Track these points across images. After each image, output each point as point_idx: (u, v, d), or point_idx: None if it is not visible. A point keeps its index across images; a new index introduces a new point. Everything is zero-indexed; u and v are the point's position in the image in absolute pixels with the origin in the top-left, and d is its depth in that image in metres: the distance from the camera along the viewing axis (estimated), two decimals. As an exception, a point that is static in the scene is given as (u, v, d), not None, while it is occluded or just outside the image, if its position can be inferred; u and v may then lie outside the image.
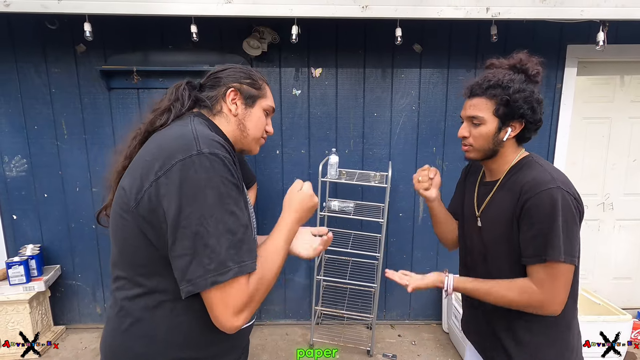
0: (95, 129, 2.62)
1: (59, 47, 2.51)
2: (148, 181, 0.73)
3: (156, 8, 2.05)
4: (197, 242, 0.69)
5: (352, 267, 2.67)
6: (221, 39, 2.55)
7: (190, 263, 0.70)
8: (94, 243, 2.75)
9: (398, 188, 2.77)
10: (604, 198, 2.92)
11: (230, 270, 0.70)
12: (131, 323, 0.79)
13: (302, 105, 2.67)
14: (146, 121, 0.88)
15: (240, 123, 0.91)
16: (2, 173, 2.63)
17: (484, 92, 1.05)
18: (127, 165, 0.84)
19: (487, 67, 1.13)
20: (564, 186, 0.97)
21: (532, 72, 1.05)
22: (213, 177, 0.71)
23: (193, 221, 0.69)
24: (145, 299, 0.78)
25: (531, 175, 1.01)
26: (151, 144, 0.81)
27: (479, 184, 1.19)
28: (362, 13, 2.07)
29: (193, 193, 0.70)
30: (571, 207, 0.96)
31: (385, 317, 2.95)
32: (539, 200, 0.96)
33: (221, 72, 0.94)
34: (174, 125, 0.84)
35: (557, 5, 2.07)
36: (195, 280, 0.70)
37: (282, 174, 2.73)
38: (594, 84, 2.79)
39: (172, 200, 0.70)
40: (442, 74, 2.65)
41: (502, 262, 1.07)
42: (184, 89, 0.91)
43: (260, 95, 0.94)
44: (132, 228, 0.76)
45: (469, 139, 1.10)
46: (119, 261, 0.81)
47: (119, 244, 0.80)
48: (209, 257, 0.69)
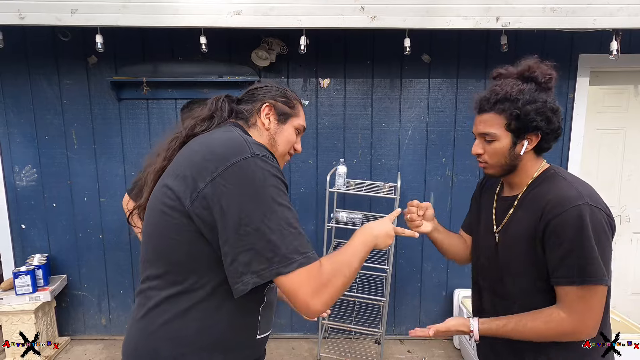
0: (104, 139, 2.64)
1: (71, 59, 2.55)
2: (203, 181, 0.75)
3: (167, 20, 2.08)
4: (260, 239, 0.72)
5: (360, 280, 2.62)
6: (230, 50, 2.57)
7: (254, 257, 0.72)
8: (101, 253, 2.75)
9: (407, 199, 2.70)
10: (621, 210, 2.83)
11: (294, 261, 0.72)
12: (162, 324, 0.79)
13: (310, 116, 2.66)
14: (187, 126, 0.92)
15: (271, 137, 0.96)
16: (12, 183, 2.65)
17: (492, 107, 1.00)
18: (165, 167, 0.87)
19: (495, 77, 1.07)
20: (592, 201, 0.90)
21: (543, 79, 0.98)
22: (268, 177, 0.75)
23: (255, 218, 0.72)
24: (180, 299, 0.78)
25: (555, 191, 0.95)
26: (196, 146, 0.83)
27: (497, 199, 1.13)
28: (370, 23, 2.07)
29: (252, 192, 0.73)
30: (602, 223, 0.89)
31: (394, 332, 2.87)
32: (566, 219, 0.90)
33: (259, 89, 0.99)
34: (217, 131, 0.88)
35: (568, 14, 2.05)
36: (260, 272, 0.72)
37: (290, 184, 2.70)
38: (607, 94, 2.74)
39: (232, 200, 0.73)
40: (451, 84, 2.63)
41: (522, 281, 1.01)
42: (223, 101, 0.96)
43: (293, 114, 0.99)
44: (180, 224, 0.77)
45: (484, 156, 1.05)
46: (154, 258, 0.81)
47: (158, 241, 0.80)
48: (273, 251, 0.72)
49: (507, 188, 1.11)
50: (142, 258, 0.85)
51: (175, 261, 0.78)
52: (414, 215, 1.19)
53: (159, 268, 0.80)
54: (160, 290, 0.80)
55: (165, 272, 0.80)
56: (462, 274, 2.75)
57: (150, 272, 0.82)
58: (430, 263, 2.79)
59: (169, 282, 0.79)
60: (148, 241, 0.83)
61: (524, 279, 1.01)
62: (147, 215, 0.85)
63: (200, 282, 0.78)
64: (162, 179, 0.83)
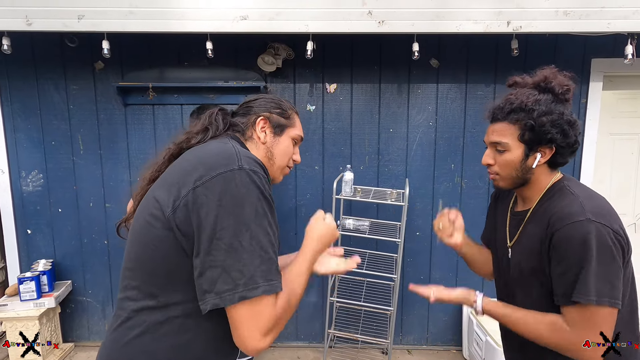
0: (110, 144, 2.63)
1: (78, 65, 2.56)
2: (186, 189, 0.73)
3: (173, 26, 2.07)
4: (230, 255, 0.69)
5: (367, 288, 2.57)
6: (236, 55, 2.56)
7: (220, 275, 0.69)
8: (106, 259, 2.73)
9: (415, 206, 2.67)
10: (635, 218, 2.75)
11: (259, 287, 0.70)
12: (135, 336, 0.76)
13: (316, 121, 2.63)
14: (179, 139, 0.91)
15: (268, 150, 0.95)
16: (18, 188, 2.66)
17: (506, 116, 0.96)
18: (155, 178, 0.86)
19: (510, 85, 1.03)
20: (596, 217, 0.86)
21: (560, 91, 0.94)
22: (252, 192, 0.73)
23: (228, 234, 0.69)
24: (155, 312, 0.76)
25: (560, 205, 0.92)
26: (189, 156, 0.83)
27: (510, 214, 1.10)
28: (378, 28, 2.04)
29: (231, 206, 0.71)
30: (607, 241, 0.85)
31: (401, 342, 2.80)
32: (566, 234, 0.87)
33: (253, 102, 0.98)
34: (213, 142, 0.87)
35: (582, 17, 2.00)
36: (223, 294, 0.69)
37: (296, 190, 2.67)
38: (621, 99, 2.67)
39: (210, 211, 0.70)
40: (460, 89, 2.59)
41: (533, 296, 0.98)
42: (217, 114, 0.95)
43: (289, 125, 0.98)
44: (162, 235, 0.74)
45: (494, 167, 1.01)
46: (135, 268, 0.79)
47: (139, 250, 0.78)
48: (240, 271, 0.69)
49: (520, 202, 1.08)
50: (123, 267, 0.83)
51: (153, 272, 0.76)
52: (446, 222, 1.14)
53: (137, 279, 0.78)
54: (136, 302, 0.77)
55: (142, 283, 0.77)
56: (471, 283, 2.68)
57: (128, 281, 0.80)
58: (439, 271, 2.73)
59: (145, 293, 0.77)
60: (130, 250, 0.81)
61: (535, 293, 0.97)
62: (132, 224, 0.84)
63: (176, 297, 0.75)
64: (152, 190, 0.82)
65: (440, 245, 2.69)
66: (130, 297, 0.78)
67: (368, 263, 2.43)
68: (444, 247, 2.67)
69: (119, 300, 0.82)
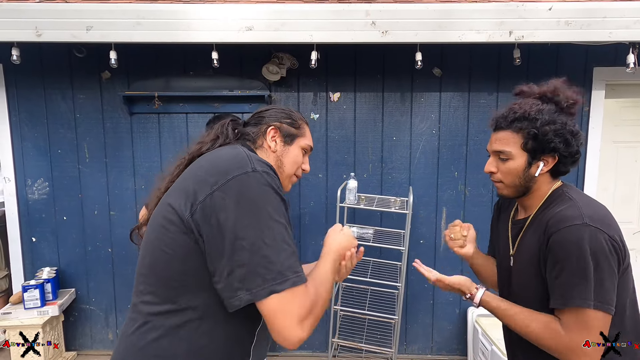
0: (115, 152, 2.66)
1: (85, 74, 2.59)
2: (203, 194, 0.75)
3: (179, 36, 2.10)
4: (255, 254, 0.71)
5: (371, 297, 2.55)
6: (241, 65, 2.59)
7: (249, 272, 0.71)
8: (110, 267, 2.73)
9: (418, 214, 2.67)
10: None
11: (288, 279, 0.72)
12: (153, 340, 0.76)
13: (320, 130, 2.65)
14: (192, 149, 0.94)
15: (278, 159, 0.97)
16: (24, 196, 2.67)
17: (509, 125, 0.98)
18: (169, 187, 0.87)
19: (517, 94, 1.05)
20: (593, 223, 0.86)
21: (566, 104, 0.97)
22: (267, 192, 0.76)
23: (250, 233, 0.72)
24: (172, 316, 0.77)
25: (557, 210, 0.93)
26: (201, 163, 0.84)
27: (511, 222, 1.11)
28: (382, 38, 2.07)
29: (250, 207, 0.73)
30: (603, 247, 0.85)
31: (406, 351, 2.78)
32: (562, 237, 0.87)
33: (265, 112, 1.01)
34: (224, 148, 0.89)
35: (583, 27, 2.02)
36: (254, 289, 0.71)
37: (300, 198, 2.68)
38: (623, 107, 2.68)
39: (229, 214, 0.73)
40: (463, 98, 2.60)
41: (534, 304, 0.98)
42: (228, 124, 0.97)
43: (299, 134, 1.00)
44: (178, 239, 0.76)
45: (497, 175, 1.02)
46: (148, 273, 0.80)
47: (154, 255, 0.79)
48: (267, 267, 0.71)
49: (521, 210, 1.09)
50: (137, 271, 0.84)
51: (168, 276, 0.77)
52: (457, 233, 1.16)
53: (152, 283, 0.79)
54: (154, 305, 0.78)
55: (158, 287, 0.78)
56: (476, 291, 2.67)
57: (143, 286, 0.80)
58: (443, 280, 2.71)
59: (161, 297, 0.77)
60: (144, 255, 0.82)
61: (536, 302, 0.98)
62: (147, 231, 0.85)
63: (193, 301, 0.76)
64: (165, 197, 0.84)
65: (444, 253, 2.71)
66: (147, 301, 0.79)
67: (372, 271, 2.42)
68: (448, 255, 2.68)
69: (133, 305, 0.83)
